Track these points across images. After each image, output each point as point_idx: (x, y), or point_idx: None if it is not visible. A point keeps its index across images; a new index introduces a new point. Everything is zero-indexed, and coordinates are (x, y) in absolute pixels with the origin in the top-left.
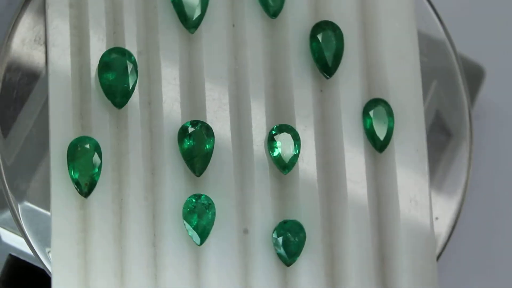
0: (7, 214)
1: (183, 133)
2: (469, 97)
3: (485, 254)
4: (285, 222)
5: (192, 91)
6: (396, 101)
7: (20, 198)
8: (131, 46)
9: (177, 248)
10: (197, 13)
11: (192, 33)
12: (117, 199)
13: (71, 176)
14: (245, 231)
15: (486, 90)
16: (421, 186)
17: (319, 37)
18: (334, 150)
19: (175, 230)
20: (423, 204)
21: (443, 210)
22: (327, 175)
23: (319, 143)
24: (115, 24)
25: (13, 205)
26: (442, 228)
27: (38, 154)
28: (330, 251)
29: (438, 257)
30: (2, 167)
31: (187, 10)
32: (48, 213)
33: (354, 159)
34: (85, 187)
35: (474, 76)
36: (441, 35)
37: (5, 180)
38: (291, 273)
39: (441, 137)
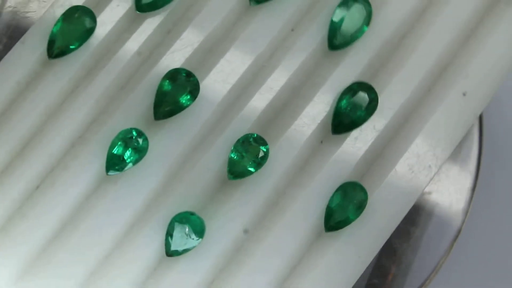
0: None
1: (171, 74)
2: None
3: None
4: (192, 214)
5: (211, 50)
6: (379, 201)
7: None
8: None
9: (85, 164)
10: None
11: (251, 4)
12: (72, 84)
13: (53, 30)
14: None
15: None
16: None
17: (352, 95)
18: (287, 197)
19: (96, 149)
20: None
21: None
22: (270, 207)
23: (282, 180)
24: None
25: None
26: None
27: None
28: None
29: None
30: None
31: None
32: None
33: (297, 221)
34: (56, 49)
35: None
36: None
37: None
38: (165, 264)
39: None
